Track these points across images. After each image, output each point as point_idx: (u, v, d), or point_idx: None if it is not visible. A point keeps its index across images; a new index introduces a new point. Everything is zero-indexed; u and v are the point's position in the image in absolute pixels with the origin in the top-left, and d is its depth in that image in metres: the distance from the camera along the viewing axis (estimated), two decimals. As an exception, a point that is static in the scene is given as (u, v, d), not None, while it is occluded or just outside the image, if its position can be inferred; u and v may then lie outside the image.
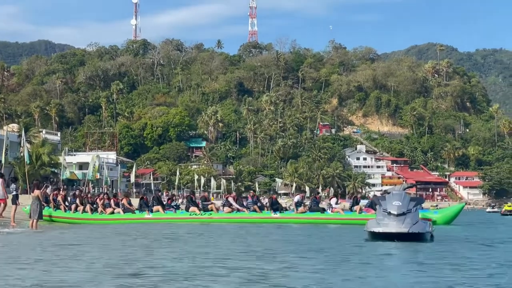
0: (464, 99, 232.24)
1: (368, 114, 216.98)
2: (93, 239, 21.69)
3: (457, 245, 20.42)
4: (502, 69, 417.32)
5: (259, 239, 22.29)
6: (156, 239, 21.89)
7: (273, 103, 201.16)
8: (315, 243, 21.04)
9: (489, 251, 18.65)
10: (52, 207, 37.12)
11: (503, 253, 17.74)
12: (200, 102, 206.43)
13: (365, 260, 14.84)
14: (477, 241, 22.59)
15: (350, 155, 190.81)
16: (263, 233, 25.70)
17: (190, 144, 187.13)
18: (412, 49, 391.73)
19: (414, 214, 21.43)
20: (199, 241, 20.90)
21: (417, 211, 21.82)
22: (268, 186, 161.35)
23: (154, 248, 17.39)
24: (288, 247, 18.46)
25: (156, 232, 25.27)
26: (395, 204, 21.34)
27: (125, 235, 23.59)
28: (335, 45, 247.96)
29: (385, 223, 21.13)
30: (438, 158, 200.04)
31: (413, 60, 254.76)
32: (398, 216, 21.06)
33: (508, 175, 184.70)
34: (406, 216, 21.07)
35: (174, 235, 24.04)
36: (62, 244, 18.94)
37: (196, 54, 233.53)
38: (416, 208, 21.75)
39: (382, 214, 21.60)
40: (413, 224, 20.99)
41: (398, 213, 21.09)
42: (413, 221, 21.11)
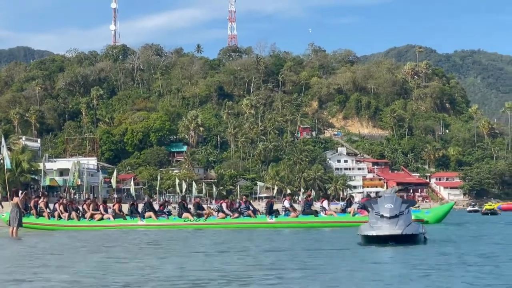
0: (444, 100, 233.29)
1: (349, 117, 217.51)
2: (68, 247, 21.60)
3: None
4: (481, 70, 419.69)
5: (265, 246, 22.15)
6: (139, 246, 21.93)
7: (253, 107, 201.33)
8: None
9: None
10: (34, 214, 36.64)
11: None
12: (181, 107, 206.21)
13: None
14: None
15: (331, 158, 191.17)
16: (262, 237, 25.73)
17: (171, 148, 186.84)
18: (391, 51, 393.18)
19: (406, 216, 21.47)
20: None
21: (409, 213, 21.87)
22: (250, 189, 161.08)
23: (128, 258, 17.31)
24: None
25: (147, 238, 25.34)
26: (387, 206, 21.34)
27: (110, 241, 23.65)
28: (314, 48, 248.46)
29: (379, 226, 21.12)
30: (419, 159, 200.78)
31: (392, 62, 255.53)
32: (391, 219, 21.06)
33: (488, 175, 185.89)
34: (399, 218, 21.09)
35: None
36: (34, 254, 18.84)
37: (176, 59, 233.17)
38: (408, 210, 21.80)
39: (374, 217, 21.59)
40: (407, 225, 21.03)
41: (391, 216, 21.10)
42: (406, 223, 21.15)
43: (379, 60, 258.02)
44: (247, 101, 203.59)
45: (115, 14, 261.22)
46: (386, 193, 23.58)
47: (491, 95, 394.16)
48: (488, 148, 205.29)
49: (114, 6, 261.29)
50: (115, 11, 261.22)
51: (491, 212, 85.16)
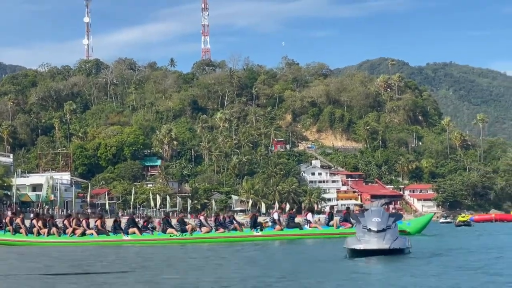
0: (416, 112, 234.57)
1: (322, 129, 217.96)
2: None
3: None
4: (453, 82, 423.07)
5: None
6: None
7: (227, 120, 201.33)
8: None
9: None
10: (11, 231, 36.30)
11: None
12: (154, 121, 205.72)
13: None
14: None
15: (305, 171, 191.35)
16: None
17: (145, 163, 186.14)
18: (364, 64, 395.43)
19: (393, 230, 21.46)
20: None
21: (396, 227, 21.85)
22: (224, 203, 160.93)
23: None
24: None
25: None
26: (374, 220, 21.28)
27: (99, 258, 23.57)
28: (288, 61, 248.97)
29: (366, 240, 21.05)
30: (392, 171, 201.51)
31: (366, 75, 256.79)
32: (379, 233, 21.02)
33: (461, 187, 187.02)
34: (386, 232, 21.05)
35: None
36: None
37: (149, 73, 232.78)
38: (395, 224, 21.79)
39: (362, 231, 21.50)
40: (394, 240, 21.03)
41: (378, 230, 21.05)
42: (393, 237, 21.13)
43: (352, 73, 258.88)
44: (221, 114, 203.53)
45: (88, 28, 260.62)
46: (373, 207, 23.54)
47: (463, 107, 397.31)
48: (461, 160, 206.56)
49: (87, 20, 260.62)
50: (88, 25, 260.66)
51: (465, 224, 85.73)
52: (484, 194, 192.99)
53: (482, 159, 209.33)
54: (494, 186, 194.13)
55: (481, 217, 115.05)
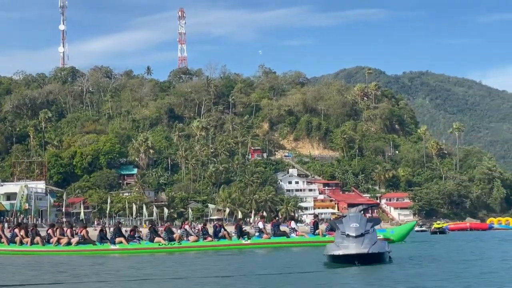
0: (393, 121, 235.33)
1: (299, 138, 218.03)
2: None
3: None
4: (429, 91, 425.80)
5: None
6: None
7: (204, 129, 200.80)
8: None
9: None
10: None
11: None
12: (131, 129, 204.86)
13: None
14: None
15: (282, 179, 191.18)
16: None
17: (121, 171, 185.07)
18: (341, 73, 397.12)
19: (372, 234, 21.50)
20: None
21: (374, 232, 21.92)
22: (201, 212, 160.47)
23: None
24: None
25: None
26: (353, 226, 21.35)
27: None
28: (265, 70, 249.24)
29: (345, 245, 21.09)
30: (369, 180, 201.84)
31: (342, 84, 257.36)
32: (357, 238, 21.06)
33: (437, 195, 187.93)
34: (365, 237, 21.10)
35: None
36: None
37: (126, 81, 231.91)
38: (373, 229, 21.81)
39: (340, 236, 21.56)
40: (372, 244, 21.01)
41: (357, 235, 21.11)
42: (372, 241, 21.15)
43: (329, 82, 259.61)
44: (197, 123, 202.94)
45: (63, 36, 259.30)
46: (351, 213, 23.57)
47: (439, 116, 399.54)
48: (437, 168, 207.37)
49: (63, 28, 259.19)
50: (64, 33, 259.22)
51: (440, 231, 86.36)
52: (460, 202, 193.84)
53: (458, 168, 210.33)
54: (470, 194, 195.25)
55: (456, 226, 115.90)
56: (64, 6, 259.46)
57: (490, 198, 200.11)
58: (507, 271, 19.58)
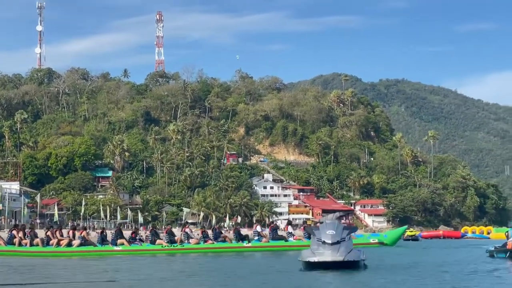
0: (368, 128, 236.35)
1: (275, 143, 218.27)
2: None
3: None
4: (405, 99, 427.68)
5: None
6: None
7: (180, 132, 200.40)
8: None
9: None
10: None
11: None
12: (107, 132, 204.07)
13: None
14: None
15: (257, 184, 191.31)
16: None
17: (96, 173, 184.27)
18: (318, 79, 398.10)
19: (348, 242, 21.56)
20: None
21: (350, 240, 21.98)
22: (175, 215, 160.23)
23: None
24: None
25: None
26: (329, 233, 21.39)
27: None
28: (242, 74, 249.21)
29: (320, 252, 21.13)
30: (344, 186, 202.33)
31: (319, 90, 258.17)
32: (333, 245, 21.10)
33: (411, 203, 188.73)
34: (341, 245, 21.16)
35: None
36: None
37: (102, 83, 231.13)
38: (349, 236, 21.85)
39: (316, 243, 21.60)
40: (348, 252, 21.09)
41: (333, 242, 21.15)
42: (347, 249, 21.23)
43: (305, 88, 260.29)
44: (173, 126, 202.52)
45: (40, 36, 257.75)
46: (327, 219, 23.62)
47: (415, 124, 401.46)
48: (412, 176, 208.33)
49: (40, 28, 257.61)
50: (41, 33, 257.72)
51: (412, 239, 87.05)
52: (434, 210, 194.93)
53: (433, 176, 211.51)
54: (444, 202, 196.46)
55: (429, 234, 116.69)
56: (41, 7, 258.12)
57: (463, 207, 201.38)
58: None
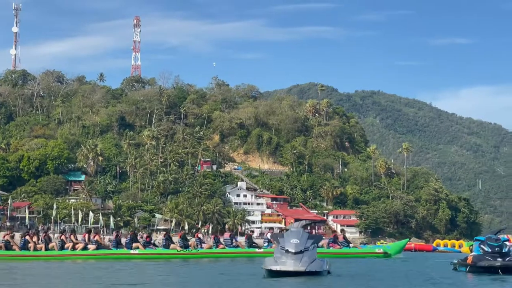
0: (343, 139, 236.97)
1: (249, 152, 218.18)
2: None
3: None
4: (380, 110, 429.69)
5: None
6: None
7: (154, 138, 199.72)
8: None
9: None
10: (3, 247, 37.57)
11: None
12: (80, 135, 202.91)
13: None
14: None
15: (231, 192, 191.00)
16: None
17: (69, 177, 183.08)
18: (294, 88, 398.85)
19: (311, 252, 21.33)
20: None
21: (314, 249, 21.76)
22: (148, 221, 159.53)
23: None
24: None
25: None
26: (293, 242, 21.18)
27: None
28: (218, 82, 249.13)
29: (283, 261, 20.94)
30: (317, 196, 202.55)
31: (295, 99, 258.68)
32: (296, 254, 20.89)
33: (384, 214, 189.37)
34: (304, 255, 20.96)
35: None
36: None
37: (78, 87, 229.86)
38: (314, 246, 21.65)
39: (280, 251, 21.41)
40: (311, 262, 20.87)
41: (296, 251, 20.94)
42: (310, 259, 21.00)
43: (281, 97, 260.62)
44: (148, 132, 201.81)
45: (16, 38, 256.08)
46: (293, 228, 23.44)
47: (389, 136, 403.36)
48: (385, 187, 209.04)
49: (16, 30, 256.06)
50: (16, 35, 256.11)
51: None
52: (406, 222, 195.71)
53: (405, 188, 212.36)
54: (416, 215, 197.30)
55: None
56: (18, 9, 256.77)
57: (435, 219, 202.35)
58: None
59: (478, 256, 25.93)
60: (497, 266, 24.88)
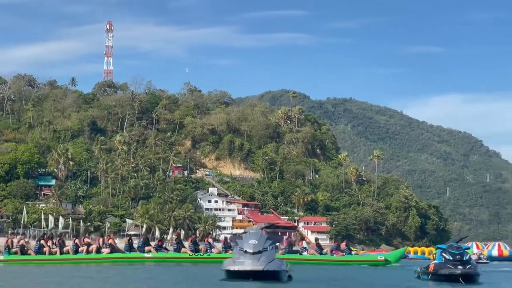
0: (315, 145, 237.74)
1: (221, 157, 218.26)
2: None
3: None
4: (351, 118, 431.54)
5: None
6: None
7: (126, 143, 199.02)
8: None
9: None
10: (19, 252, 38.80)
11: None
12: (51, 140, 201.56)
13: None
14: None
15: (202, 198, 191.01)
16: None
17: (39, 182, 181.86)
18: (266, 95, 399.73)
19: (270, 252, 21.72)
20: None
21: (273, 250, 22.14)
22: (118, 226, 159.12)
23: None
24: None
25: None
26: (251, 242, 21.60)
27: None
28: (190, 87, 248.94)
29: (241, 261, 21.34)
30: (288, 202, 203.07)
31: (267, 106, 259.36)
32: (254, 254, 21.31)
33: (354, 221, 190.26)
34: (262, 254, 21.35)
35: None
36: None
37: (49, 91, 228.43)
38: (272, 246, 22.02)
39: (238, 252, 21.79)
40: (269, 262, 21.26)
41: (254, 251, 21.36)
42: (268, 259, 21.39)
43: (253, 103, 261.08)
44: (120, 137, 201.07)
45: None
46: (252, 229, 23.86)
47: (360, 143, 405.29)
48: (355, 194, 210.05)
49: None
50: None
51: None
52: (376, 229, 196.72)
53: (376, 195, 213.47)
54: (386, 222, 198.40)
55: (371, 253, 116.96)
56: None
57: (405, 226, 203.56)
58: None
59: (439, 264, 26.31)
60: (458, 274, 25.24)
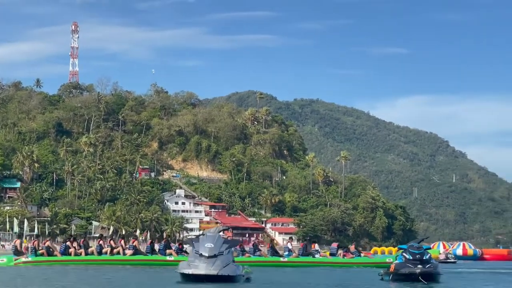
0: (282, 147, 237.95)
1: (188, 159, 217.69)
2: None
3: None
4: (318, 119, 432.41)
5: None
6: None
7: (92, 145, 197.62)
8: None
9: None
10: (45, 254, 39.92)
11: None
12: (16, 142, 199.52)
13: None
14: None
15: (169, 199, 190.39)
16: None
17: (4, 184, 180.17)
18: (233, 96, 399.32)
19: (226, 256, 21.49)
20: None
21: (229, 253, 21.92)
22: (84, 229, 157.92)
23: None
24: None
25: None
26: (207, 246, 21.36)
27: None
28: (157, 89, 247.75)
29: (196, 265, 21.13)
30: (256, 204, 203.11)
31: (234, 107, 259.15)
32: (209, 258, 21.09)
33: (322, 222, 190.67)
34: (217, 258, 21.13)
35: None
36: None
37: (14, 92, 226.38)
38: (229, 250, 21.79)
39: (194, 255, 21.58)
40: (224, 266, 21.01)
41: (209, 255, 21.14)
42: (223, 263, 21.15)
43: (220, 104, 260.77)
44: (86, 139, 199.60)
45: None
46: (209, 232, 23.63)
47: (328, 144, 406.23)
48: (323, 195, 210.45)
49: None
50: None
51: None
52: (343, 230, 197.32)
53: (343, 196, 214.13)
54: (353, 222, 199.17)
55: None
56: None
57: (372, 227, 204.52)
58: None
59: (400, 263, 26.68)
60: (417, 273, 25.50)
